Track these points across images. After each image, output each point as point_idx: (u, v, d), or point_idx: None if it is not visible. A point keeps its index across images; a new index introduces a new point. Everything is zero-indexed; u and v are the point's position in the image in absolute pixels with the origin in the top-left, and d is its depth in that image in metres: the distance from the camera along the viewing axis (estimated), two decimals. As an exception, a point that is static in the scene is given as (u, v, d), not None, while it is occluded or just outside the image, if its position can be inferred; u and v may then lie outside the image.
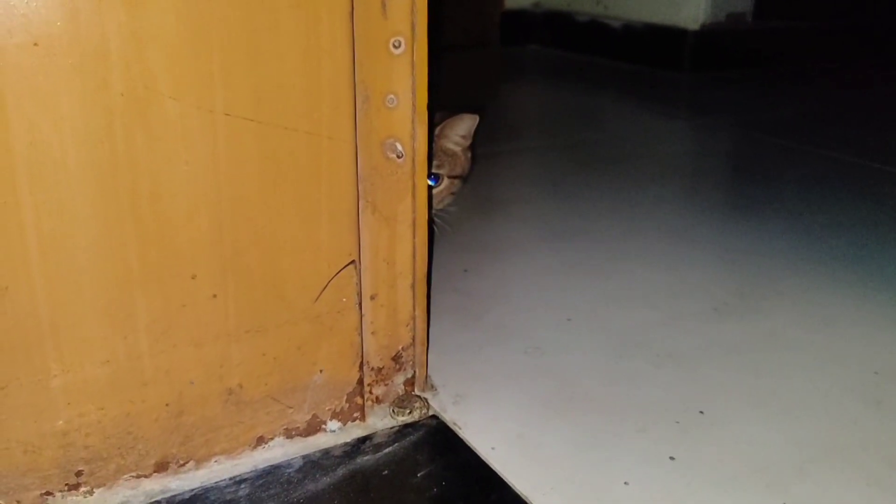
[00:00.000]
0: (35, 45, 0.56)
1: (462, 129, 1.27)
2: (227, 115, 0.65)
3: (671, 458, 0.77)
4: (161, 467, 0.72)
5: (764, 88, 2.68)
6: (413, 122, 0.75)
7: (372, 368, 0.81)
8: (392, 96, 0.73)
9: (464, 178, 1.30)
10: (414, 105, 0.75)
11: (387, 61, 0.72)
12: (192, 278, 0.68)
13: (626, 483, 0.73)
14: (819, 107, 2.42)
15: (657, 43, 2.91)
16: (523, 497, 0.71)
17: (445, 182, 1.26)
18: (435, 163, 1.24)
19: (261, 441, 0.76)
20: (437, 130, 1.26)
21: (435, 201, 1.26)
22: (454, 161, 1.28)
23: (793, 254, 1.26)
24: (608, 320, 1.04)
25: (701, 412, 0.84)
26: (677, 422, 0.83)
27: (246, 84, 0.65)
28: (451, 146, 1.29)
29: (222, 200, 0.67)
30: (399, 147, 0.75)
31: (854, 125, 2.19)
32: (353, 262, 0.75)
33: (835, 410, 0.85)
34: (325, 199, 0.72)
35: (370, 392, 0.82)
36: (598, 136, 2.07)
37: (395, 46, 0.72)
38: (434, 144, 1.25)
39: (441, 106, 1.22)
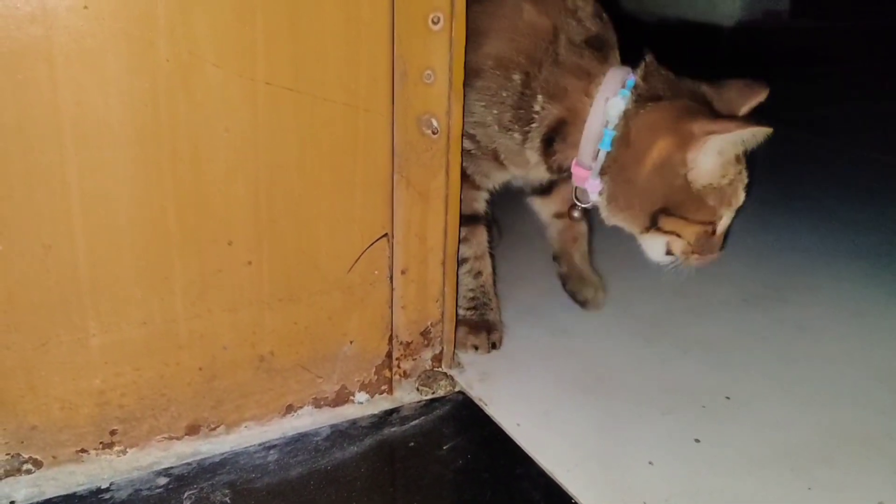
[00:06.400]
0: (85, 7, 0.58)
1: None
2: (268, 83, 0.66)
3: (696, 441, 0.77)
4: (192, 430, 0.74)
5: (799, 87, 2.65)
6: (449, 98, 0.76)
7: (401, 342, 0.82)
8: (429, 72, 0.74)
9: None
10: (451, 82, 0.75)
11: (425, 36, 0.72)
12: (229, 244, 0.69)
13: (650, 463, 0.74)
14: (856, 106, 2.39)
15: (691, 39, 2.88)
16: (547, 472, 0.72)
17: None
18: None
19: (290, 409, 0.77)
20: None
21: None
22: None
23: (824, 249, 1.25)
24: (636, 306, 1.04)
25: (727, 397, 0.84)
26: (703, 406, 0.83)
27: (287, 53, 0.66)
28: None
29: (260, 168, 0.68)
30: (435, 123, 0.76)
31: (892, 126, 2.16)
32: (385, 235, 0.76)
33: (862, 399, 0.85)
34: (361, 171, 0.73)
35: (398, 366, 0.82)
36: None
37: (433, 22, 0.72)
38: None
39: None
